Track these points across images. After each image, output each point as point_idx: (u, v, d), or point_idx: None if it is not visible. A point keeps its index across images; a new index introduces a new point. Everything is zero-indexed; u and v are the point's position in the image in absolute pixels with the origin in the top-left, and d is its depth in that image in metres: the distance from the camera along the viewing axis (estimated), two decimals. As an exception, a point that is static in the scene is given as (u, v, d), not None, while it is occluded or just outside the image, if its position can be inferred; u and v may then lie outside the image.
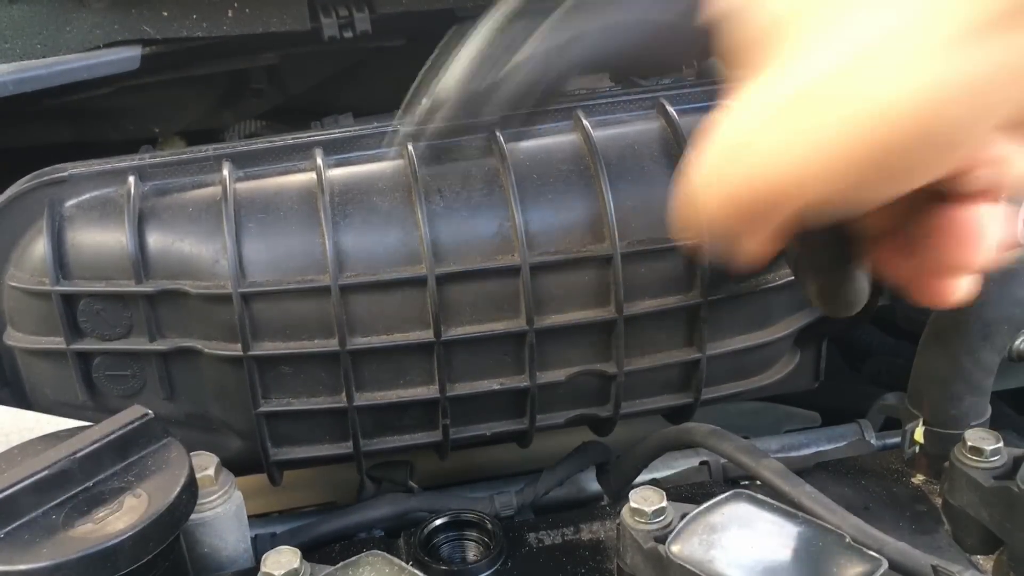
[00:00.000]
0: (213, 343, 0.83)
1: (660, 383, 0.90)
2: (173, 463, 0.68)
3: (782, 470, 0.77)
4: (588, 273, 0.83)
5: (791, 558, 0.63)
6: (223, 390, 0.85)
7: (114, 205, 0.84)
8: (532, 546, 0.81)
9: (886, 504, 0.83)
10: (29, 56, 0.99)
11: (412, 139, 0.52)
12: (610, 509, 0.85)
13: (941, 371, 0.84)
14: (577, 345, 0.85)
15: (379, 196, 0.83)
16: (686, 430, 0.88)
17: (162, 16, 0.98)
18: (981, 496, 0.74)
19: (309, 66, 1.22)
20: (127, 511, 0.63)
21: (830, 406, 1.17)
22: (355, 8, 1.02)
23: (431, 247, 0.81)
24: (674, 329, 0.87)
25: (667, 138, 0.87)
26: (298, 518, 0.95)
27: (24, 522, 0.62)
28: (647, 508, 0.68)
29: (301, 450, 0.88)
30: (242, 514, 0.78)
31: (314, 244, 0.81)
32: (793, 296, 0.90)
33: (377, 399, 0.84)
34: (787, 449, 1.02)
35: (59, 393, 0.87)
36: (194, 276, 0.81)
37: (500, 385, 0.85)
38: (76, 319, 0.83)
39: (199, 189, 0.85)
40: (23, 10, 0.99)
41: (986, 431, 0.77)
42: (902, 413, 0.88)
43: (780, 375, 0.94)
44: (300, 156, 0.88)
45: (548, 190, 0.84)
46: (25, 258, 0.84)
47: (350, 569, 0.65)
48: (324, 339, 0.81)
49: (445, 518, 0.83)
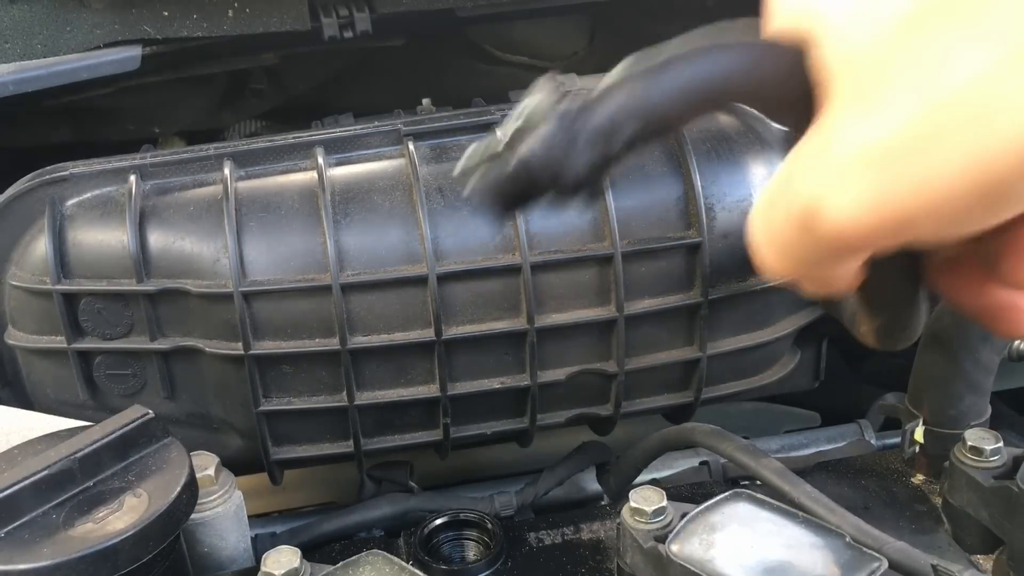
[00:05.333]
0: (214, 342, 0.83)
1: (660, 382, 0.91)
2: (173, 463, 0.68)
3: (782, 470, 0.78)
4: (589, 272, 0.83)
5: (791, 558, 0.63)
6: (224, 389, 0.85)
7: (115, 204, 0.84)
8: (532, 546, 0.81)
9: (886, 504, 0.83)
10: (29, 56, 0.99)
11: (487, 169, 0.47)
12: (610, 509, 0.85)
13: (941, 371, 0.84)
14: (577, 344, 0.85)
15: (380, 195, 0.83)
16: (686, 430, 0.88)
17: (162, 16, 0.98)
18: (981, 496, 0.75)
19: (309, 66, 1.22)
20: (127, 511, 0.63)
21: (830, 406, 1.17)
22: (355, 8, 1.02)
23: (432, 246, 0.81)
24: (674, 328, 0.87)
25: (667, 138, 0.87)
26: (298, 518, 0.95)
27: (24, 522, 0.62)
28: (647, 508, 0.68)
29: (302, 449, 0.88)
30: (242, 514, 0.78)
31: (315, 243, 0.81)
32: (793, 296, 0.90)
33: (378, 398, 0.84)
34: (787, 449, 1.02)
35: (60, 392, 0.87)
36: (195, 275, 0.81)
37: (501, 384, 0.85)
38: (77, 318, 0.83)
39: (200, 188, 0.85)
40: (23, 10, 0.99)
41: (986, 431, 0.77)
42: (902, 413, 0.88)
43: (780, 375, 0.94)
44: (301, 155, 0.88)
45: (548, 190, 0.83)
46: (26, 257, 0.84)
47: (350, 569, 0.65)
48: (325, 338, 0.81)
49: (445, 518, 0.83)
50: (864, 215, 0.38)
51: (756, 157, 0.87)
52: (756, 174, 0.86)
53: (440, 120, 0.90)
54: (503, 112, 0.90)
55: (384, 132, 0.89)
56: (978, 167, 0.35)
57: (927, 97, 0.36)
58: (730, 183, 0.85)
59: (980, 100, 0.35)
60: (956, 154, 0.35)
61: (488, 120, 0.89)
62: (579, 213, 0.83)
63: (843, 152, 0.38)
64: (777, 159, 0.88)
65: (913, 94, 0.36)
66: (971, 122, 0.35)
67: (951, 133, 0.35)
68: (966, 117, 0.35)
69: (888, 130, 0.37)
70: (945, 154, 0.35)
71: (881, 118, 0.37)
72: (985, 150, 0.35)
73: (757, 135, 0.88)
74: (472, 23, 1.16)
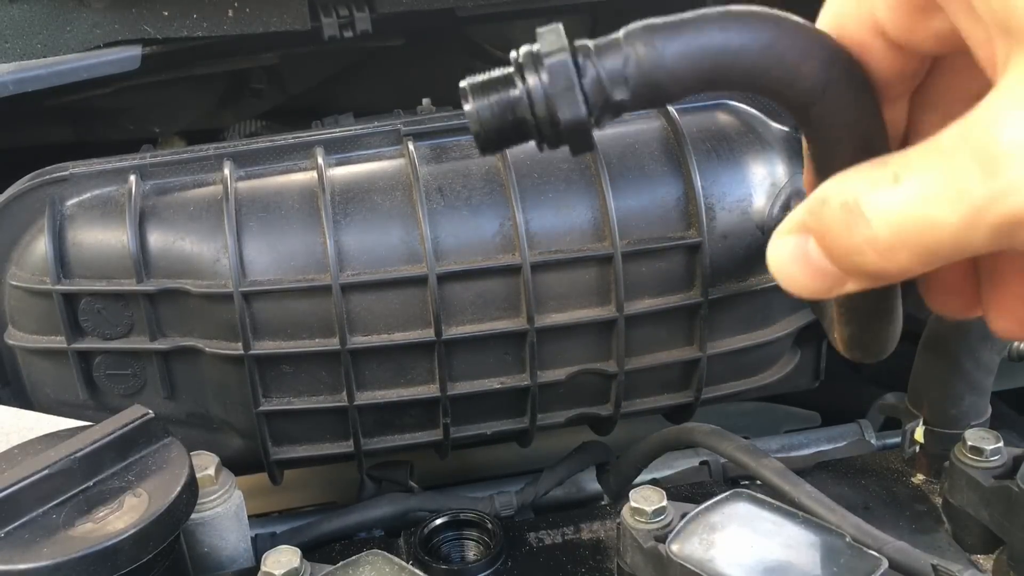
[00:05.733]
0: (214, 342, 0.83)
1: (660, 382, 0.90)
2: (173, 463, 0.68)
3: (782, 470, 0.78)
4: (589, 272, 0.83)
5: (791, 558, 0.63)
6: (224, 389, 0.85)
7: (115, 204, 0.84)
8: (532, 546, 0.81)
9: (886, 504, 0.83)
10: (29, 56, 0.99)
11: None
12: (610, 509, 0.85)
13: (941, 371, 0.84)
14: (578, 344, 0.85)
15: (380, 195, 0.83)
16: (686, 430, 0.88)
17: (162, 16, 0.98)
18: (981, 496, 0.75)
19: (309, 66, 1.22)
20: (127, 510, 0.63)
21: (830, 406, 1.17)
22: (355, 8, 1.02)
23: (432, 246, 0.81)
24: (674, 328, 0.87)
25: (667, 138, 0.87)
26: (298, 518, 0.95)
27: (25, 521, 0.62)
28: (647, 508, 0.68)
29: (302, 449, 0.88)
30: (242, 514, 0.78)
31: (315, 243, 0.81)
32: (793, 296, 0.90)
33: (378, 398, 0.84)
34: (787, 449, 1.02)
35: (60, 392, 0.87)
36: (195, 275, 0.81)
37: (501, 384, 0.85)
38: (77, 318, 0.83)
39: (200, 188, 0.85)
40: (23, 10, 0.99)
41: (986, 431, 0.77)
42: (902, 413, 0.88)
43: (780, 374, 0.94)
44: (301, 155, 0.88)
45: (549, 189, 0.84)
46: (26, 257, 0.84)
47: (350, 569, 0.65)
48: (325, 338, 0.81)
49: (445, 518, 0.83)
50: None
51: (756, 157, 0.87)
52: (756, 174, 0.86)
53: (440, 120, 0.90)
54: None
55: (384, 132, 0.89)
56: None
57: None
58: (730, 183, 0.85)
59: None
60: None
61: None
62: (579, 213, 0.83)
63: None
64: (777, 159, 0.88)
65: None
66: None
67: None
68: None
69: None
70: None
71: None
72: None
73: (757, 135, 0.88)
74: (472, 23, 1.16)
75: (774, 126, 0.90)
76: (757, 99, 0.92)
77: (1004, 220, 0.34)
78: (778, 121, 0.90)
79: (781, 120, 0.91)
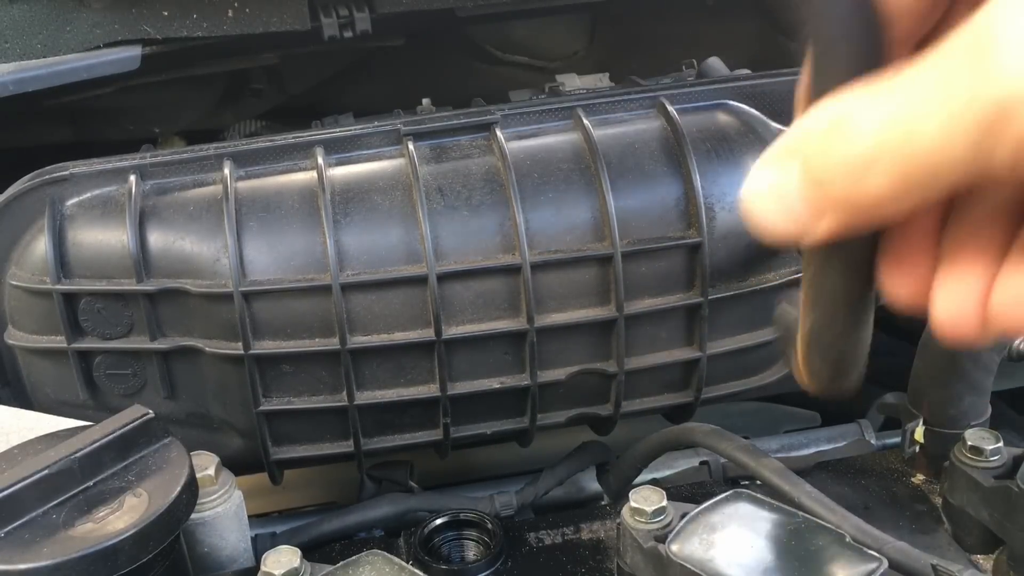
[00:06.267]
0: (214, 342, 0.83)
1: (660, 382, 0.90)
2: (173, 463, 0.68)
3: (782, 470, 0.77)
4: (589, 272, 0.83)
5: (791, 558, 0.63)
6: (224, 389, 0.85)
7: (115, 204, 0.84)
8: (532, 546, 0.81)
9: (886, 504, 0.83)
10: (29, 56, 0.99)
11: None
12: (610, 509, 0.85)
13: (941, 371, 0.84)
14: (577, 344, 0.85)
15: (380, 195, 0.83)
16: (686, 430, 0.88)
17: (162, 16, 0.98)
18: (981, 496, 0.74)
19: (309, 66, 1.22)
20: (127, 510, 0.63)
21: (830, 406, 1.17)
22: (355, 8, 1.03)
23: (432, 246, 0.81)
24: (674, 328, 0.87)
25: (667, 137, 0.87)
26: (298, 518, 0.95)
27: (25, 521, 0.62)
28: (647, 508, 0.68)
29: (302, 449, 0.88)
30: (242, 514, 0.78)
31: (315, 243, 0.81)
32: (793, 295, 0.90)
33: (378, 398, 0.84)
34: (787, 449, 1.02)
35: (60, 392, 0.87)
36: (195, 275, 0.81)
37: (501, 384, 0.85)
38: (77, 318, 0.83)
39: (200, 188, 0.85)
40: (23, 10, 0.99)
41: (986, 431, 0.77)
42: (902, 413, 0.88)
43: (780, 374, 0.94)
44: (301, 155, 0.88)
45: (549, 189, 0.84)
46: (26, 257, 0.84)
47: (350, 569, 0.65)
48: (325, 338, 0.81)
49: (445, 518, 0.82)
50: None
51: (756, 157, 0.86)
52: (756, 174, 0.86)
53: (440, 120, 0.90)
54: (503, 112, 0.90)
55: (384, 132, 0.89)
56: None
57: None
58: (730, 183, 0.85)
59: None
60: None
61: (488, 120, 0.89)
62: (579, 213, 0.83)
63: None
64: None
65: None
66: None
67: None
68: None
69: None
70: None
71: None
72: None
73: (757, 135, 0.88)
74: (472, 23, 1.16)
75: (774, 126, 0.90)
76: (757, 99, 0.92)
77: (988, 111, 0.30)
78: (778, 121, 0.91)
79: (781, 120, 0.91)
